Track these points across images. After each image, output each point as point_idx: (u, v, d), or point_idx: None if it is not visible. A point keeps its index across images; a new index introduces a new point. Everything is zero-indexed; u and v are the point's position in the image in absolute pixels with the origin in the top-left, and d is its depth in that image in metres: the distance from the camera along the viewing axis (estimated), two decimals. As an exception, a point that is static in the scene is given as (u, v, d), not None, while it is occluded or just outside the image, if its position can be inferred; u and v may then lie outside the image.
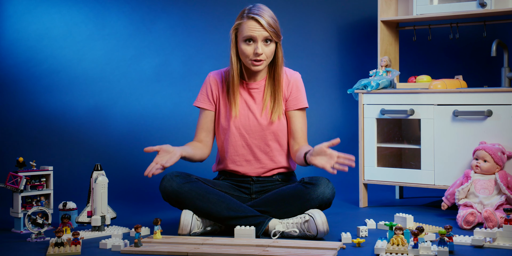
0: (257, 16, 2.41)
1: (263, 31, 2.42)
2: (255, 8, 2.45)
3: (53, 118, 3.94)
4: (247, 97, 2.56)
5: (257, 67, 2.47)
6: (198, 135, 2.61)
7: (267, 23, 2.42)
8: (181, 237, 2.31)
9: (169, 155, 2.35)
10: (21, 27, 4.03)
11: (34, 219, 2.46)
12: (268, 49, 2.45)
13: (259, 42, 2.43)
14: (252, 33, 2.42)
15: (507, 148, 2.70)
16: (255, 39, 2.43)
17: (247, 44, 2.44)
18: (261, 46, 2.43)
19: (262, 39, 2.43)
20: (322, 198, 2.40)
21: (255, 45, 2.43)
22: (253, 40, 2.43)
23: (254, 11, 2.44)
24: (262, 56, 2.45)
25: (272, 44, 2.46)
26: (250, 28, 2.42)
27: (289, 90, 2.57)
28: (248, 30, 2.42)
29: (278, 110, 2.53)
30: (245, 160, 2.57)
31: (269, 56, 2.47)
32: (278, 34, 2.46)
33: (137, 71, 4.03)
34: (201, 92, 2.61)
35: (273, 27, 2.43)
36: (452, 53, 3.59)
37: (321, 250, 2.09)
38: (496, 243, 2.16)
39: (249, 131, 2.55)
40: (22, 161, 2.60)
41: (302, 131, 2.57)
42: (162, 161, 2.31)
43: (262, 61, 2.46)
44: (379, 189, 3.45)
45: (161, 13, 4.04)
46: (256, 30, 2.42)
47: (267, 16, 2.43)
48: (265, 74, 2.57)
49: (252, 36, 2.42)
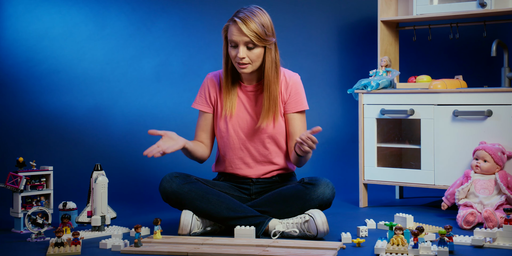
0: (239, 21, 2.39)
1: (243, 36, 2.39)
2: (244, 11, 2.43)
3: (53, 118, 3.94)
4: (245, 100, 2.56)
5: (242, 70, 2.45)
6: (198, 136, 2.61)
7: (249, 28, 2.38)
8: (181, 237, 2.31)
9: (173, 142, 2.36)
10: (21, 27, 4.03)
11: (34, 219, 2.46)
12: (252, 54, 2.42)
13: (241, 46, 2.41)
14: (233, 38, 2.41)
15: (507, 148, 2.70)
16: (237, 43, 2.41)
17: (232, 47, 2.44)
18: (242, 51, 2.41)
19: (243, 43, 2.41)
20: (322, 198, 2.40)
21: (237, 49, 2.42)
22: (236, 44, 2.42)
23: (240, 15, 2.41)
24: (245, 60, 2.42)
25: (257, 49, 2.43)
26: (232, 32, 2.41)
27: (288, 92, 2.55)
28: (230, 34, 2.42)
29: (270, 113, 2.50)
30: (243, 163, 2.57)
31: (254, 60, 2.44)
32: (263, 38, 2.41)
33: (137, 71, 4.03)
34: (199, 94, 2.61)
35: (255, 32, 2.38)
36: (452, 53, 3.59)
37: (321, 250, 2.09)
38: (496, 243, 2.16)
39: (247, 134, 2.54)
40: (22, 161, 2.60)
41: (301, 133, 2.56)
42: (164, 146, 2.31)
43: (246, 65, 2.44)
44: (379, 189, 3.45)
45: (161, 13, 4.04)
46: (237, 34, 2.40)
47: (252, 21, 2.39)
48: (261, 77, 2.56)
49: (233, 40, 2.41)
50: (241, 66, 2.44)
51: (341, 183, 3.48)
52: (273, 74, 2.48)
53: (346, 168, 3.71)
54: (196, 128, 2.62)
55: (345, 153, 3.79)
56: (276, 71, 2.49)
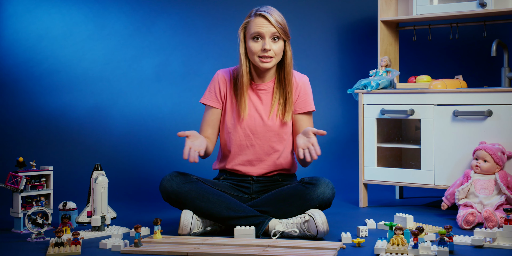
0: (265, 13, 2.44)
1: (271, 27, 2.43)
2: (263, 7, 2.49)
3: (53, 118, 3.94)
4: (254, 98, 2.56)
5: (265, 64, 2.46)
6: (204, 131, 2.60)
7: (275, 20, 2.44)
8: (181, 237, 2.31)
9: (199, 140, 2.36)
10: (21, 27, 4.03)
11: (34, 219, 2.46)
12: (276, 46, 2.45)
13: (267, 38, 2.44)
14: (259, 29, 2.43)
15: (507, 148, 2.70)
16: (262, 35, 2.44)
17: (255, 41, 2.45)
18: (268, 42, 2.44)
19: (270, 35, 2.44)
20: (322, 198, 2.40)
21: (263, 42, 2.44)
22: (261, 36, 2.44)
23: (262, 9, 2.47)
24: (270, 53, 2.45)
25: (280, 42, 2.47)
26: (258, 25, 2.44)
27: (297, 93, 2.57)
28: (256, 27, 2.44)
29: (289, 112, 2.53)
30: (247, 160, 2.57)
31: (277, 53, 2.47)
32: (286, 32, 2.47)
33: (137, 71, 4.04)
34: (209, 90, 2.61)
35: (281, 24, 2.45)
36: (452, 53, 3.59)
37: (321, 250, 2.09)
38: (496, 243, 2.16)
39: (255, 132, 2.54)
40: (22, 161, 2.60)
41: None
42: (196, 147, 2.31)
43: (270, 58, 2.46)
44: (379, 189, 3.45)
45: (161, 13, 4.05)
46: (264, 26, 2.43)
47: (276, 14, 2.47)
48: (273, 75, 2.56)
49: (260, 32, 2.43)
50: (264, 60, 2.46)
51: (341, 183, 3.48)
52: (291, 68, 2.53)
53: (346, 168, 3.71)
54: (202, 123, 2.61)
55: (345, 153, 3.79)
56: (291, 67, 2.53)
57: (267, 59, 2.45)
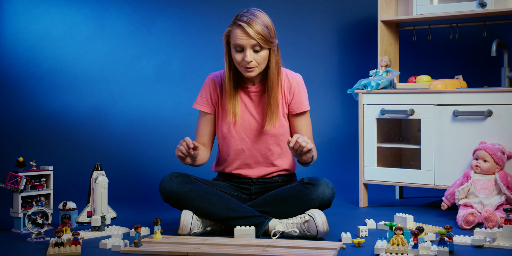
0: (244, 24, 2.37)
1: (250, 39, 2.37)
2: (246, 14, 2.40)
3: (53, 118, 3.94)
4: (247, 101, 2.55)
5: (249, 73, 2.44)
6: (199, 137, 2.59)
7: (255, 31, 2.36)
8: (181, 237, 2.31)
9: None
10: (21, 27, 4.03)
11: (34, 219, 2.46)
12: (259, 56, 2.41)
13: (248, 50, 2.39)
14: (240, 42, 2.38)
15: (507, 148, 2.70)
16: (243, 47, 2.39)
17: (237, 52, 2.42)
18: (249, 54, 2.39)
19: (250, 47, 2.39)
20: (322, 198, 2.40)
21: (244, 53, 2.41)
22: (242, 48, 2.40)
23: (243, 18, 2.39)
24: (252, 63, 2.41)
25: (263, 51, 2.42)
26: (238, 36, 2.38)
27: (291, 93, 2.54)
28: (236, 38, 2.39)
29: (274, 116, 2.49)
30: (245, 163, 2.56)
31: (260, 62, 2.43)
32: (269, 40, 2.40)
33: (137, 71, 4.04)
34: (201, 95, 2.59)
35: (261, 35, 2.37)
36: (452, 53, 3.59)
37: (321, 250, 2.09)
38: (496, 243, 2.16)
39: (250, 135, 2.54)
40: (22, 161, 2.60)
41: (306, 134, 2.55)
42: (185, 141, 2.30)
43: (253, 68, 2.43)
44: (379, 189, 3.45)
45: (161, 13, 4.04)
46: (243, 38, 2.38)
47: (256, 23, 2.37)
48: (264, 77, 2.55)
49: (240, 44, 2.39)
50: (248, 70, 2.43)
51: (341, 183, 3.48)
52: (276, 75, 2.48)
53: (346, 168, 3.71)
54: (197, 129, 2.60)
55: (345, 153, 3.79)
56: (278, 72, 2.49)
57: (250, 69, 2.42)
